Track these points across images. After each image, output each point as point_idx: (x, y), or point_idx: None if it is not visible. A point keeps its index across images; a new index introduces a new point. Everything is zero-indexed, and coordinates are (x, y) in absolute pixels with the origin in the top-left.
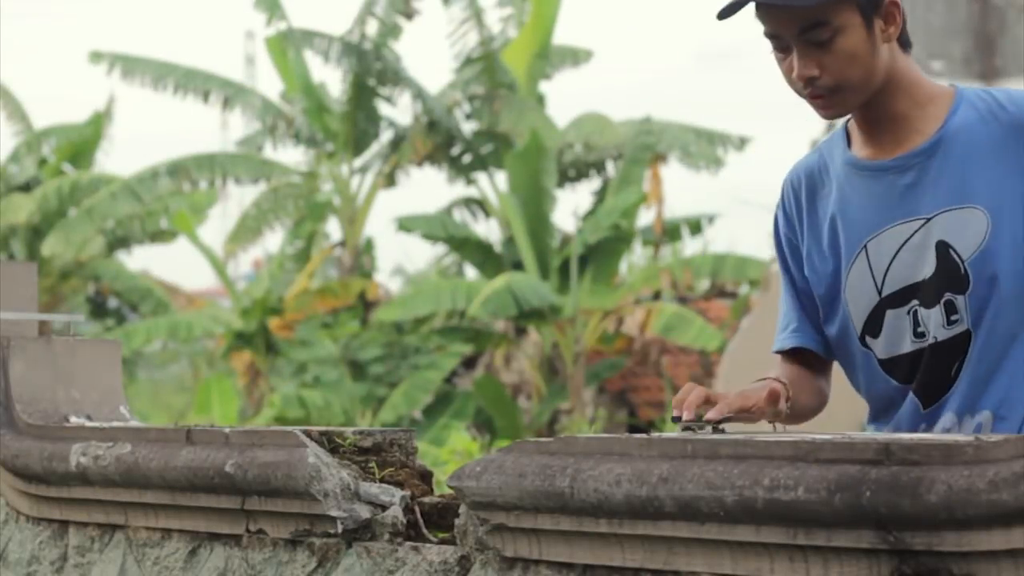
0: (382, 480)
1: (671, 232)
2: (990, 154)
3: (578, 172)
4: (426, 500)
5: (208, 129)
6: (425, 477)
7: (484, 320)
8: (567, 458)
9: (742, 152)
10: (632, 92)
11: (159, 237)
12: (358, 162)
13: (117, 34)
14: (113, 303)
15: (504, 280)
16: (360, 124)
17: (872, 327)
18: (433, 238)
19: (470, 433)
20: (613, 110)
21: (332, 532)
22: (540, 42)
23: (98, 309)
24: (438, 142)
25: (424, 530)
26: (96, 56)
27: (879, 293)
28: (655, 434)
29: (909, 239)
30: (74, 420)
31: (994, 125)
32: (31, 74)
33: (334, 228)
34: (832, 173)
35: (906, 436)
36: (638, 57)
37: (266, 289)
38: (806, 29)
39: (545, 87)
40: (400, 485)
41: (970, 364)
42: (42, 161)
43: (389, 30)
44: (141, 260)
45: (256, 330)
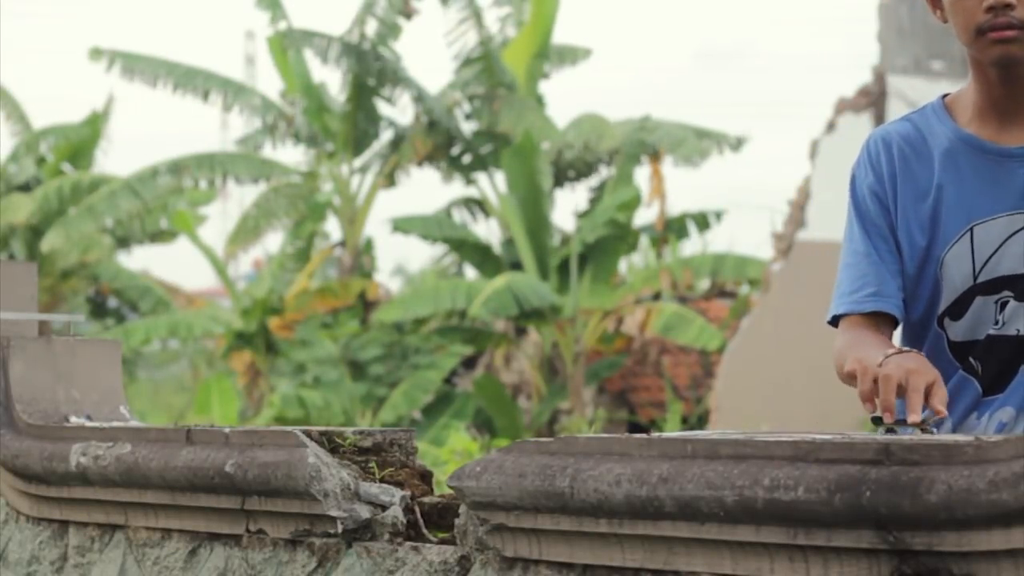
0: (382, 480)
1: (678, 229)
2: None
3: (577, 172)
4: (426, 500)
5: (208, 128)
6: (425, 477)
7: (484, 320)
8: (567, 458)
9: (739, 152)
10: (631, 91)
11: (159, 237)
12: (358, 162)
13: (117, 34)
14: (113, 303)
15: (504, 280)
16: (360, 124)
17: (956, 310)
18: (430, 239)
19: (470, 433)
20: (612, 109)
21: (332, 532)
22: (539, 42)
23: (98, 309)
24: (438, 142)
25: (424, 530)
26: (96, 53)
27: (975, 278)
28: (655, 434)
29: (1019, 231)
30: (74, 420)
31: None
32: (30, 74)
33: (334, 228)
34: (933, 145)
35: (906, 436)
36: (637, 56)
37: (266, 289)
38: None
39: (544, 86)
40: (400, 485)
41: None
42: (41, 160)
43: (388, 30)
44: (141, 260)
45: (256, 330)
